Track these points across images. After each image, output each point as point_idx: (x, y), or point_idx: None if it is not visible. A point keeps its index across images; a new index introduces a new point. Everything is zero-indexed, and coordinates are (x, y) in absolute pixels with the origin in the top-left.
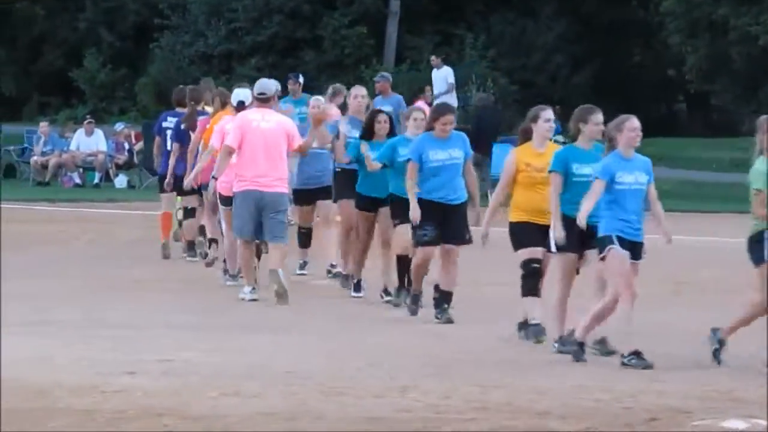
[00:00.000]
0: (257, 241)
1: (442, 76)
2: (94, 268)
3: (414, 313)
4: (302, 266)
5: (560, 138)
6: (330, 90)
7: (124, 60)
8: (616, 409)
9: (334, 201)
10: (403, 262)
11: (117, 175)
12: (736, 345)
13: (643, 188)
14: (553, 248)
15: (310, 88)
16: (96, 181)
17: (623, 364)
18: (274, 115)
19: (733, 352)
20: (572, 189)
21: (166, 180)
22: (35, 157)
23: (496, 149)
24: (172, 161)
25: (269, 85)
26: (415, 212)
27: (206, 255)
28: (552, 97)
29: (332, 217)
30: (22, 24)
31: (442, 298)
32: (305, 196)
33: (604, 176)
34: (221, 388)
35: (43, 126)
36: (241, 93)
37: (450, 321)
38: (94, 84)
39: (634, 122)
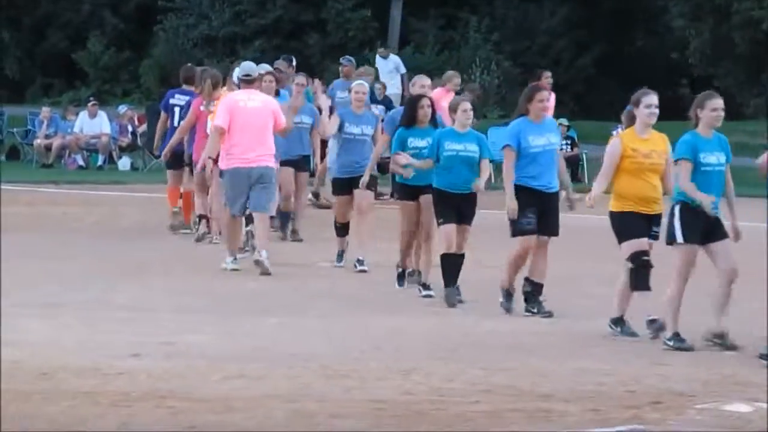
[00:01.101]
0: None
1: (393, 66)
2: (98, 250)
3: (509, 311)
4: (340, 257)
5: (564, 121)
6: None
7: (127, 42)
8: (619, 392)
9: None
10: (449, 261)
11: (120, 157)
12: (740, 330)
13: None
14: (680, 239)
15: (313, 71)
16: (100, 163)
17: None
18: (259, 95)
19: (736, 336)
20: (696, 179)
21: (164, 152)
22: (38, 141)
23: (492, 133)
24: (175, 137)
25: (253, 67)
26: (512, 204)
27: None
28: (556, 80)
29: (366, 208)
30: (25, 6)
31: (535, 290)
32: (343, 185)
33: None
34: (225, 370)
35: (45, 111)
36: (246, 66)
37: (549, 315)
38: (97, 66)
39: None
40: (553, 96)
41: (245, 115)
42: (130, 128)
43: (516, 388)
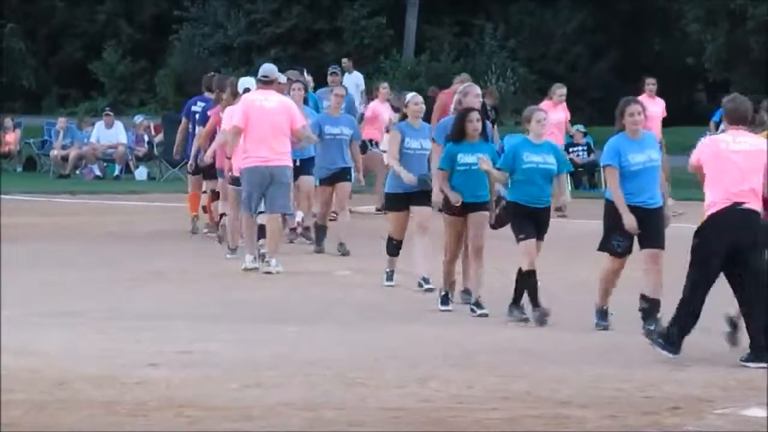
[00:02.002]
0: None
1: (353, 82)
2: (115, 259)
3: (606, 329)
4: (389, 276)
5: (581, 127)
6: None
7: (143, 52)
8: (637, 398)
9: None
10: (531, 279)
11: (137, 167)
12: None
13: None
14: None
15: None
16: (116, 173)
17: None
18: (276, 96)
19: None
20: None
21: (189, 163)
22: (55, 151)
23: (507, 141)
24: (195, 145)
25: (273, 69)
26: (630, 222)
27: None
28: (572, 86)
29: (426, 225)
30: (41, 16)
31: (652, 307)
32: (401, 200)
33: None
34: (242, 379)
35: (61, 121)
36: (246, 81)
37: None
38: (113, 76)
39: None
40: (657, 103)
41: (262, 115)
42: (146, 138)
43: (534, 394)
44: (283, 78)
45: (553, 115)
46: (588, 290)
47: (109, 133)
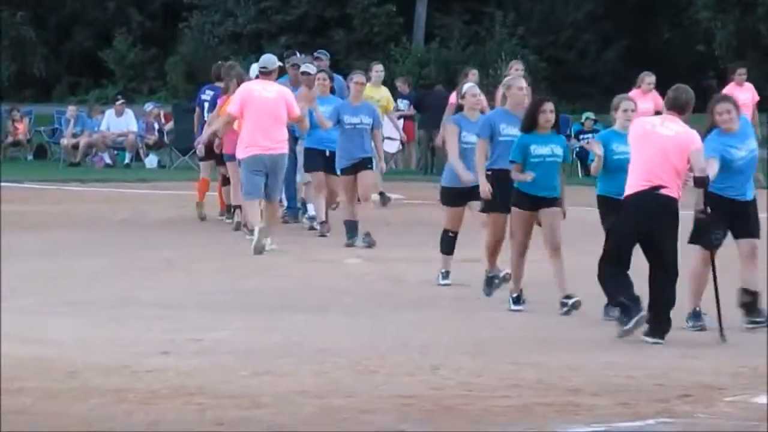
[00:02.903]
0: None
1: None
2: (126, 248)
3: (703, 329)
4: (445, 276)
5: (591, 115)
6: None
7: (153, 40)
8: (648, 386)
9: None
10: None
11: (147, 155)
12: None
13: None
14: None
15: (339, 67)
16: (127, 161)
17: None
18: (275, 86)
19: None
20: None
21: (198, 148)
22: (65, 140)
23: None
24: (205, 131)
25: (272, 59)
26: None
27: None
28: (582, 74)
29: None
30: (51, 4)
31: (754, 300)
32: (457, 196)
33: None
34: (253, 366)
35: (71, 109)
36: (256, 68)
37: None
38: (123, 64)
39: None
40: (748, 89)
41: (260, 104)
42: (156, 126)
43: (545, 382)
44: (307, 61)
45: (641, 105)
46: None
47: (120, 121)
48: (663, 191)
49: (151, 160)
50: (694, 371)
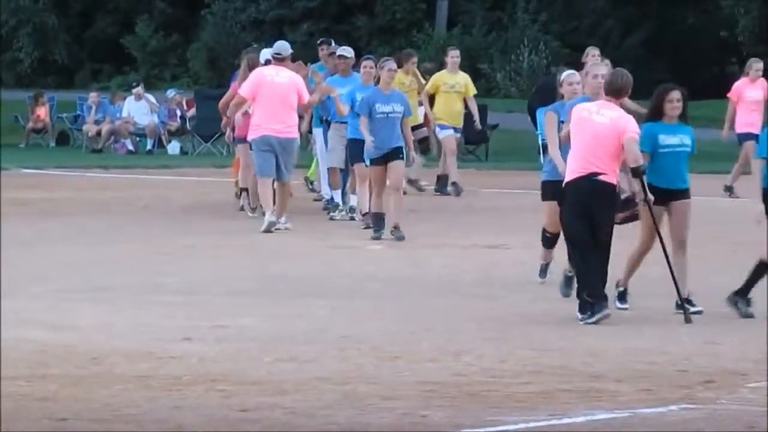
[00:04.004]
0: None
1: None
2: (149, 234)
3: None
4: (543, 271)
5: None
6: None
7: (175, 26)
8: (671, 372)
9: None
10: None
11: (170, 141)
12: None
13: None
14: None
15: (361, 54)
16: (149, 147)
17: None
18: (287, 72)
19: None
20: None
21: (227, 133)
22: (86, 126)
23: (539, 113)
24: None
25: (285, 46)
26: None
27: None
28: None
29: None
30: None
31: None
32: (559, 189)
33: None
34: (277, 353)
35: (93, 96)
36: (267, 53)
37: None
38: (145, 51)
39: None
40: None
41: (272, 89)
42: (178, 113)
43: (567, 368)
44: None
45: (750, 93)
46: (617, 264)
47: (140, 106)
48: (599, 177)
49: (174, 147)
50: (717, 357)
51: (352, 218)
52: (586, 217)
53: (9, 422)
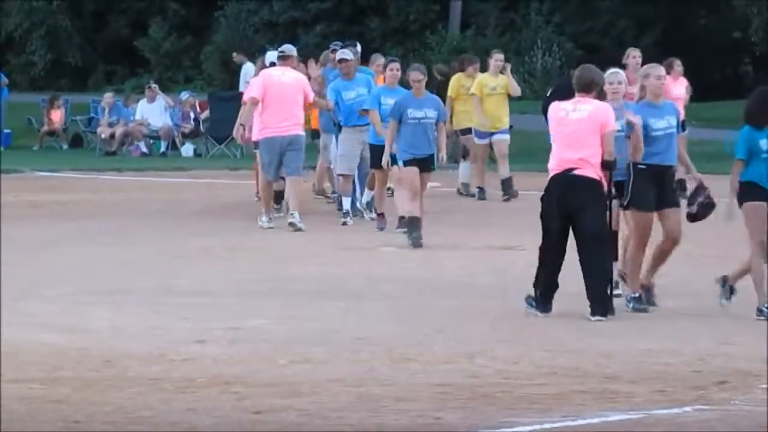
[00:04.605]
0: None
1: (243, 73)
2: (162, 236)
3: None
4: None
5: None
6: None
7: (189, 28)
8: (685, 373)
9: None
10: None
11: (184, 144)
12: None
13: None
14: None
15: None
16: (162, 150)
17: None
18: (292, 72)
19: None
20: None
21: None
22: (101, 128)
23: None
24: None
25: (290, 47)
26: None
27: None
28: (618, 61)
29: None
30: None
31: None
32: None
33: None
34: (290, 355)
35: (107, 97)
36: (272, 55)
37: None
38: (159, 53)
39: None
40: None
41: (278, 89)
42: (192, 115)
43: (581, 369)
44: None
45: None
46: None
47: (153, 108)
48: (574, 172)
49: (187, 149)
50: (731, 358)
51: (369, 210)
52: (564, 214)
53: (22, 425)
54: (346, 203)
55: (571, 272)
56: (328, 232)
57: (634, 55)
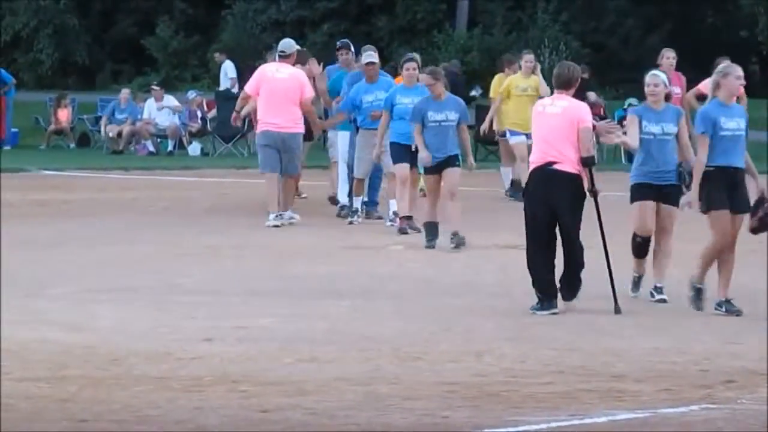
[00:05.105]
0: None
1: (224, 71)
2: (170, 235)
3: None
4: (636, 285)
5: (634, 101)
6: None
7: (196, 27)
8: (692, 372)
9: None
10: None
11: (191, 143)
12: None
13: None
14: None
15: (382, 55)
16: (170, 149)
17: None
18: (289, 68)
19: None
20: None
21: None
22: (110, 126)
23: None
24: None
25: (291, 44)
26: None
27: None
28: (625, 60)
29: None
30: None
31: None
32: (647, 191)
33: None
34: (297, 353)
35: (124, 93)
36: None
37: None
38: (166, 52)
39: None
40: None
41: (273, 85)
42: (199, 114)
43: (588, 368)
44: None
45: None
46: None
47: (161, 107)
48: (554, 166)
49: (194, 148)
50: (738, 357)
51: (392, 223)
52: (545, 205)
53: (28, 424)
54: (357, 202)
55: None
56: (335, 231)
57: (668, 56)
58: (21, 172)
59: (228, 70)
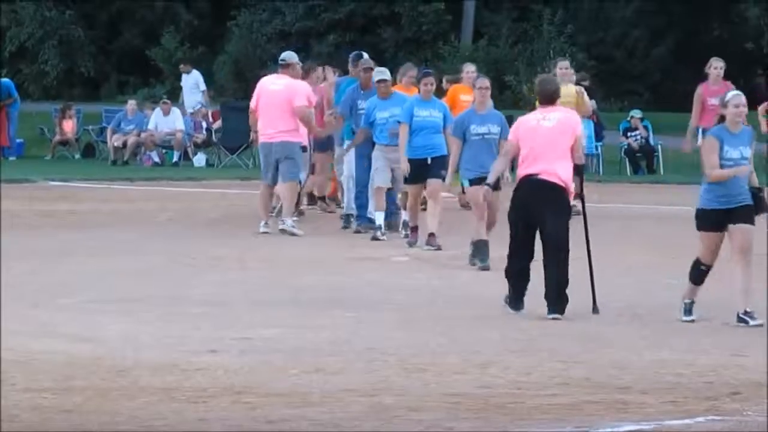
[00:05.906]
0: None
1: (193, 82)
2: (175, 246)
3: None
4: (688, 309)
5: (638, 113)
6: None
7: (201, 38)
8: (697, 384)
9: None
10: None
11: (196, 153)
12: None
13: None
14: None
15: (387, 66)
16: (175, 159)
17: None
18: (285, 79)
19: None
20: None
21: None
22: (116, 136)
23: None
24: None
25: (292, 55)
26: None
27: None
28: (631, 71)
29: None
30: (99, 3)
31: None
32: (717, 219)
33: None
34: (302, 365)
35: (131, 104)
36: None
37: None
38: (171, 62)
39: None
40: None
41: (268, 96)
42: (204, 125)
43: (594, 380)
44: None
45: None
46: (649, 274)
47: (167, 120)
48: (539, 176)
49: (200, 159)
50: (744, 369)
51: (406, 236)
52: (528, 220)
53: None
54: (379, 217)
55: (579, 283)
56: (341, 241)
57: (716, 66)
58: (26, 182)
59: (199, 82)
